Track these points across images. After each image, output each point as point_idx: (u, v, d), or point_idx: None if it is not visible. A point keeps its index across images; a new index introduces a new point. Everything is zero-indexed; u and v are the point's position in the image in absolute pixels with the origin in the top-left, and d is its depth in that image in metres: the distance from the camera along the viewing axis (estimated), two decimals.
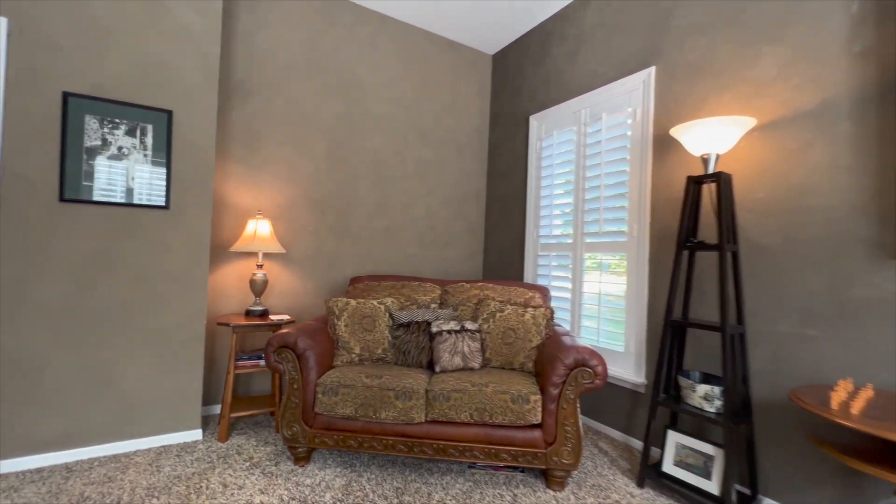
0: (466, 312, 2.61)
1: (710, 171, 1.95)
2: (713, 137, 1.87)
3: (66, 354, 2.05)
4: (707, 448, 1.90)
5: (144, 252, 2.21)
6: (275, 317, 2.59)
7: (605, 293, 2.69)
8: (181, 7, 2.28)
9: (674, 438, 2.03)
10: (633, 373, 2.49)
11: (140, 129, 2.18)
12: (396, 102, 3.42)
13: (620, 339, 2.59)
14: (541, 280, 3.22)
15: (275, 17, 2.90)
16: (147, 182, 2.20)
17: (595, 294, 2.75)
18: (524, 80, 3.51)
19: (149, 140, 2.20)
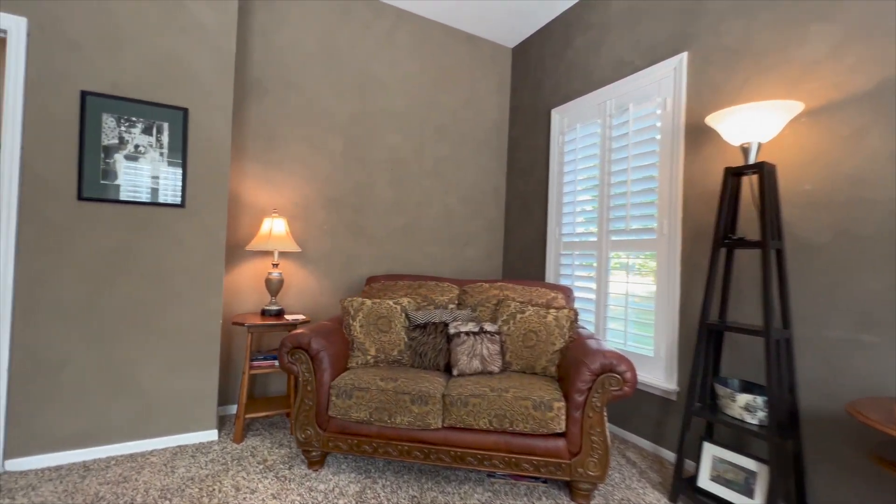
0: (485, 313, 2.51)
1: (752, 162, 1.80)
2: (755, 125, 1.72)
3: (85, 353, 2.05)
4: (749, 463, 1.75)
5: (161, 251, 2.21)
6: (290, 317, 2.55)
7: (633, 294, 2.54)
8: (197, 5, 2.26)
9: (711, 451, 1.87)
10: (664, 379, 2.34)
11: (156, 128, 2.17)
12: (413, 99, 3.35)
13: (649, 343, 2.43)
14: (563, 280, 3.09)
15: (291, 14, 2.87)
16: (163, 180, 2.19)
17: (622, 295, 2.61)
18: (545, 73, 3.38)
19: (165, 138, 2.19)
